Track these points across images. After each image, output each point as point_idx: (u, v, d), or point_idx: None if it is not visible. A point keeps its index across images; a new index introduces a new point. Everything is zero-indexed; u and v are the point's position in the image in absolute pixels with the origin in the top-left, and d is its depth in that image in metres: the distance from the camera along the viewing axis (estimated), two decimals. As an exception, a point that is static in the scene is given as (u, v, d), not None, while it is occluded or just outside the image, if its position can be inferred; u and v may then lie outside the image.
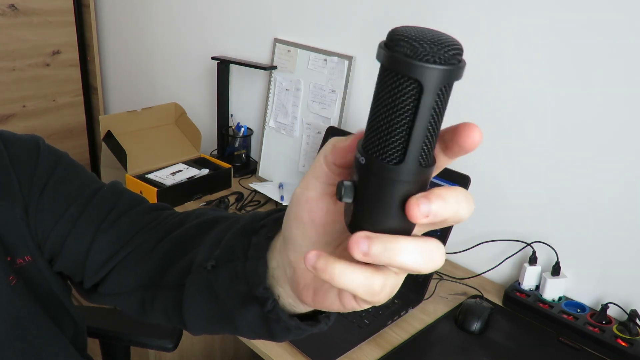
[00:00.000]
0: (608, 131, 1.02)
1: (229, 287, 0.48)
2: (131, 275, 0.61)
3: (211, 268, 0.50)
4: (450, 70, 0.28)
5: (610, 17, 0.97)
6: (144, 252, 0.62)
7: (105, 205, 0.64)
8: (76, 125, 2.41)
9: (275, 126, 1.60)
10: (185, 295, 0.54)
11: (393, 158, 0.30)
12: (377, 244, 0.30)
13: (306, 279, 0.39)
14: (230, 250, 0.49)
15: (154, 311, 0.60)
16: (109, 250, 0.62)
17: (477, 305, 1.06)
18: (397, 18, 1.28)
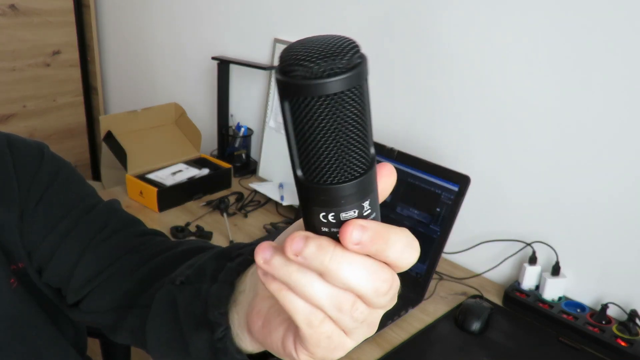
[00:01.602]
0: (608, 131, 1.02)
1: (188, 306, 0.47)
2: (109, 295, 0.61)
3: (179, 283, 0.49)
4: (358, 73, 0.27)
5: (611, 16, 0.97)
6: (125, 273, 0.61)
7: (97, 223, 0.64)
8: (76, 125, 2.41)
9: (275, 126, 1.60)
10: (151, 311, 0.53)
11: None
12: (310, 246, 0.30)
13: (263, 306, 0.38)
14: (201, 272, 0.48)
15: (123, 330, 0.59)
16: (93, 269, 0.62)
17: (477, 305, 1.06)
18: (397, 18, 1.28)
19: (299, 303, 0.31)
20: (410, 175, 1.17)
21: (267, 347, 0.39)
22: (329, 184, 0.29)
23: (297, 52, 0.27)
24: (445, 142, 1.27)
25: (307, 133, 0.28)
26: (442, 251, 1.10)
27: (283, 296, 0.31)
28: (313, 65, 0.26)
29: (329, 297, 0.30)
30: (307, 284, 0.30)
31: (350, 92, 0.27)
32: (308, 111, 0.27)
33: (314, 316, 0.31)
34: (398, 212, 1.17)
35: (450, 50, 1.21)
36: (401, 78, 1.32)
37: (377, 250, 0.30)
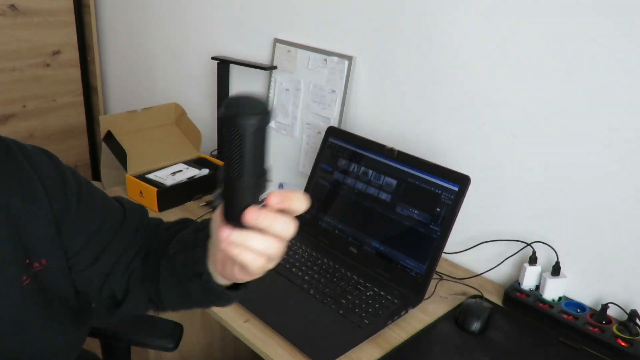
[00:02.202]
0: (608, 131, 1.02)
1: (182, 267, 0.67)
2: (145, 297, 0.75)
3: (173, 254, 0.69)
4: (260, 118, 0.45)
5: (611, 16, 0.97)
6: (151, 273, 0.74)
7: (129, 236, 0.76)
8: (76, 125, 2.41)
9: (275, 126, 1.60)
10: (160, 278, 0.71)
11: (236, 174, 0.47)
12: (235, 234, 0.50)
13: (219, 256, 0.58)
14: (186, 241, 0.68)
15: (146, 304, 0.75)
16: (127, 266, 0.75)
17: (477, 305, 1.06)
18: (397, 18, 1.28)
19: (247, 255, 0.50)
20: (410, 175, 1.17)
21: (228, 279, 0.61)
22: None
23: (232, 101, 0.46)
24: (445, 142, 1.27)
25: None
26: (442, 251, 1.10)
27: (237, 254, 0.50)
28: (236, 108, 0.46)
29: (266, 246, 0.50)
30: (254, 242, 0.49)
31: (258, 131, 0.46)
32: (229, 134, 0.46)
33: (256, 260, 0.51)
34: (398, 212, 1.17)
35: (451, 51, 1.21)
36: (401, 78, 1.32)
37: (288, 207, 0.49)
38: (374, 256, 1.20)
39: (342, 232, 1.26)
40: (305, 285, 1.12)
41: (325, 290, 1.11)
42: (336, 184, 1.30)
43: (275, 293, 1.11)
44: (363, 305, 1.07)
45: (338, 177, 1.30)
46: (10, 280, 0.65)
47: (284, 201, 0.48)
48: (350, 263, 1.21)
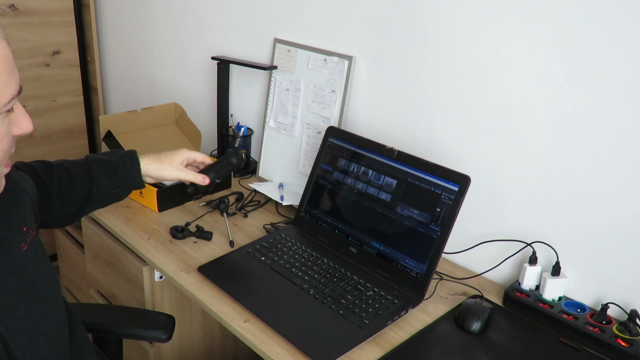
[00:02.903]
0: (608, 131, 1.02)
1: (119, 191, 1.11)
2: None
3: (114, 190, 1.10)
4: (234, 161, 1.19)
5: (610, 16, 0.97)
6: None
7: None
8: (76, 125, 2.41)
9: (275, 126, 1.60)
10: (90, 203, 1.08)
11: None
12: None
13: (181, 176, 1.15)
14: (116, 174, 1.10)
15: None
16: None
17: (477, 305, 1.06)
18: (397, 18, 1.28)
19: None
20: (410, 175, 1.17)
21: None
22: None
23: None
24: (445, 142, 1.27)
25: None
26: (442, 251, 1.10)
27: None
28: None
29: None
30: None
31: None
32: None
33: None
34: (398, 211, 1.17)
35: (450, 50, 1.21)
36: (401, 78, 1.32)
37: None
38: (374, 256, 1.20)
39: (342, 232, 1.26)
40: (305, 285, 1.12)
41: (325, 290, 1.11)
42: (336, 184, 1.30)
43: (275, 293, 1.11)
44: (363, 305, 1.07)
45: (338, 177, 1.30)
46: (17, 247, 0.79)
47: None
48: (350, 263, 1.21)
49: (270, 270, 1.18)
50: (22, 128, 0.70)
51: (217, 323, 1.48)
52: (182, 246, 1.28)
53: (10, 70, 0.66)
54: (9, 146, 0.70)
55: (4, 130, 0.68)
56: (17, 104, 0.69)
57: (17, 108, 0.70)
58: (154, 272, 1.30)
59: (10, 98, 0.66)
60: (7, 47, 0.66)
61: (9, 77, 0.66)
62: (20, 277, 0.79)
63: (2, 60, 0.65)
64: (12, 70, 0.66)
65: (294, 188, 1.54)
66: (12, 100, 0.67)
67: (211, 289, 1.13)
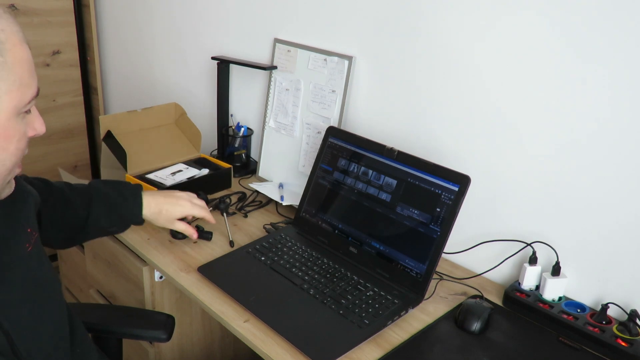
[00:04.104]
0: (608, 131, 1.02)
1: (113, 229, 1.14)
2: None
3: (108, 227, 1.11)
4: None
5: (610, 15, 0.97)
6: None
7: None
8: (76, 125, 2.41)
9: (275, 126, 1.60)
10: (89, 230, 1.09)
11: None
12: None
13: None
14: (114, 210, 1.11)
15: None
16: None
17: (477, 305, 1.06)
18: (397, 18, 1.28)
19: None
20: (410, 175, 1.17)
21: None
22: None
23: None
24: (445, 142, 1.27)
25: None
26: (442, 251, 1.10)
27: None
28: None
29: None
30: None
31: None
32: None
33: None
34: (398, 212, 1.17)
35: (451, 51, 1.21)
36: (401, 78, 1.32)
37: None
38: (374, 256, 1.20)
39: (342, 232, 1.26)
40: (305, 285, 1.12)
41: (325, 290, 1.11)
42: (336, 184, 1.30)
43: (275, 293, 1.11)
44: (363, 305, 1.07)
45: (338, 177, 1.30)
46: (22, 247, 0.81)
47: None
48: (350, 263, 1.21)
49: (270, 270, 1.18)
50: (36, 129, 0.73)
51: (217, 323, 1.48)
52: (182, 246, 1.28)
53: (32, 72, 0.69)
54: (24, 146, 0.72)
55: (22, 130, 0.71)
56: (33, 106, 0.72)
57: (33, 110, 0.73)
58: (154, 272, 1.30)
59: (30, 99, 0.69)
60: (28, 49, 0.69)
61: (30, 78, 0.69)
62: (24, 276, 0.81)
63: (25, 62, 0.68)
64: (32, 72, 0.70)
65: (294, 188, 1.54)
66: (32, 101, 0.70)
67: (211, 289, 1.13)
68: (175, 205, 1.17)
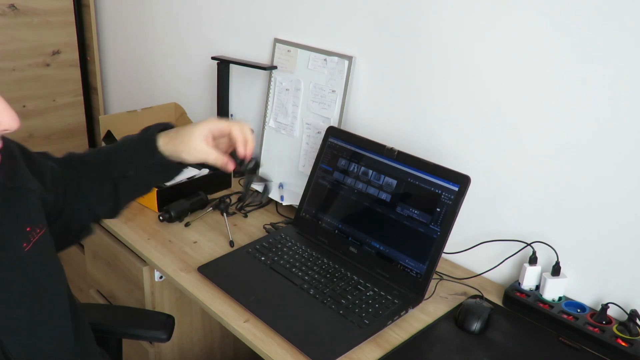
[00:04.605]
0: (608, 131, 1.02)
1: (140, 166, 0.97)
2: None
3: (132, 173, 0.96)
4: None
5: (610, 15, 0.97)
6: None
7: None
8: (76, 125, 2.41)
9: (275, 126, 1.60)
10: (119, 189, 0.97)
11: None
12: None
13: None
14: (135, 158, 0.97)
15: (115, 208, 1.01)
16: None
17: (477, 305, 1.06)
18: (397, 18, 1.28)
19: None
20: (410, 175, 1.17)
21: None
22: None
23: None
24: (445, 142, 1.26)
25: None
26: (442, 251, 1.10)
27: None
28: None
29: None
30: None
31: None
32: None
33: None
34: (398, 211, 1.17)
35: (451, 50, 1.21)
36: (401, 78, 1.32)
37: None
38: (374, 256, 1.20)
39: (342, 232, 1.26)
40: (305, 285, 1.12)
41: (325, 290, 1.11)
42: (336, 184, 1.30)
43: (275, 293, 1.11)
44: (363, 305, 1.07)
45: (338, 177, 1.30)
46: (17, 247, 0.77)
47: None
48: (350, 263, 1.21)
49: (270, 270, 1.18)
50: (3, 124, 0.65)
51: (217, 323, 1.48)
52: (182, 246, 1.28)
53: None
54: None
55: None
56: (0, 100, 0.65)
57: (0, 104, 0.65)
58: (154, 272, 1.30)
59: None
60: None
61: None
62: (21, 276, 0.78)
63: None
64: None
65: (294, 188, 1.54)
66: None
67: (211, 289, 1.13)
68: (194, 129, 0.97)
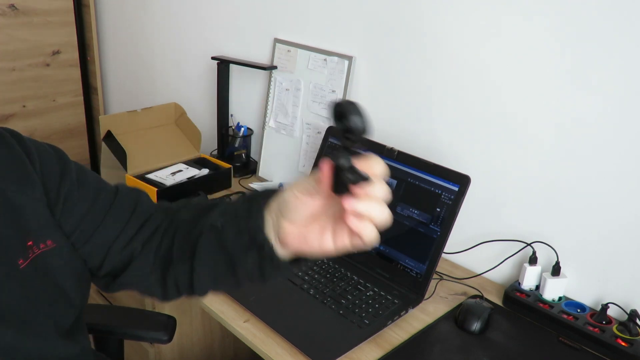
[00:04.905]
0: (608, 130, 1.02)
1: (234, 240, 0.63)
2: (150, 258, 0.72)
3: (220, 226, 0.65)
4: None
5: (610, 16, 0.97)
6: (157, 239, 0.73)
7: (128, 202, 0.76)
8: (76, 125, 2.41)
9: (275, 126, 1.60)
10: (197, 254, 0.67)
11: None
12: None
13: (293, 230, 0.58)
14: (234, 214, 0.64)
15: (169, 287, 0.72)
16: (129, 240, 0.74)
17: (477, 305, 1.06)
18: (397, 18, 1.28)
19: (368, 225, 0.53)
20: (410, 175, 1.17)
21: (302, 251, 0.59)
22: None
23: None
24: (445, 142, 1.27)
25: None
26: (442, 251, 1.10)
27: (362, 225, 0.52)
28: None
29: (384, 213, 0.52)
30: (377, 212, 0.52)
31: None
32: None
33: (374, 229, 0.53)
34: (398, 212, 1.17)
35: (451, 50, 1.21)
36: (401, 78, 1.32)
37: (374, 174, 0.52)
38: (374, 256, 1.20)
39: (342, 232, 1.26)
40: (305, 285, 1.12)
41: (325, 290, 1.11)
42: (336, 184, 1.30)
43: (275, 293, 1.11)
44: (363, 305, 1.07)
45: (338, 177, 1.30)
46: (10, 263, 0.66)
47: (370, 170, 0.51)
48: (350, 263, 1.21)
49: (270, 270, 1.18)
50: None
51: (217, 323, 1.48)
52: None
53: None
54: None
55: None
56: None
57: None
58: (154, 272, 1.30)
59: None
60: None
61: None
62: (11, 295, 0.67)
63: None
64: None
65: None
66: None
67: (211, 289, 1.13)
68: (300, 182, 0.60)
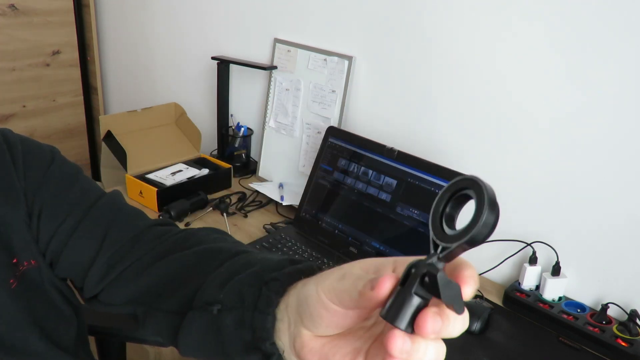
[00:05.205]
0: (608, 131, 1.02)
1: (233, 332, 0.49)
2: (127, 289, 0.63)
3: (217, 312, 0.51)
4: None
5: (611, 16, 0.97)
6: (141, 267, 0.63)
7: (103, 219, 0.66)
8: (76, 125, 2.41)
9: (275, 126, 1.60)
10: (184, 327, 0.55)
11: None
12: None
13: (314, 344, 0.41)
14: (238, 297, 0.50)
15: (145, 328, 0.61)
16: (107, 264, 0.64)
17: (477, 305, 1.06)
18: (397, 18, 1.28)
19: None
20: (410, 175, 1.17)
21: None
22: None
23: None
24: (445, 142, 1.26)
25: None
26: (442, 251, 1.10)
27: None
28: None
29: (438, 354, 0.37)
30: (431, 355, 0.36)
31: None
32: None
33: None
34: (398, 212, 1.17)
35: (450, 50, 1.21)
36: (401, 78, 1.32)
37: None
38: (374, 256, 1.19)
39: (342, 232, 1.26)
40: (305, 285, 1.12)
41: (325, 290, 1.11)
42: (336, 184, 1.30)
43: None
44: (363, 305, 1.07)
45: (338, 177, 1.30)
46: (2, 285, 0.62)
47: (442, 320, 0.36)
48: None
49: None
50: None
51: (217, 323, 1.48)
52: (182, 246, 1.28)
53: None
54: None
55: None
56: None
57: None
58: (154, 272, 1.30)
59: None
60: None
61: None
62: (1, 319, 0.63)
63: None
64: None
65: (294, 188, 1.54)
66: None
67: (211, 289, 1.12)
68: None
